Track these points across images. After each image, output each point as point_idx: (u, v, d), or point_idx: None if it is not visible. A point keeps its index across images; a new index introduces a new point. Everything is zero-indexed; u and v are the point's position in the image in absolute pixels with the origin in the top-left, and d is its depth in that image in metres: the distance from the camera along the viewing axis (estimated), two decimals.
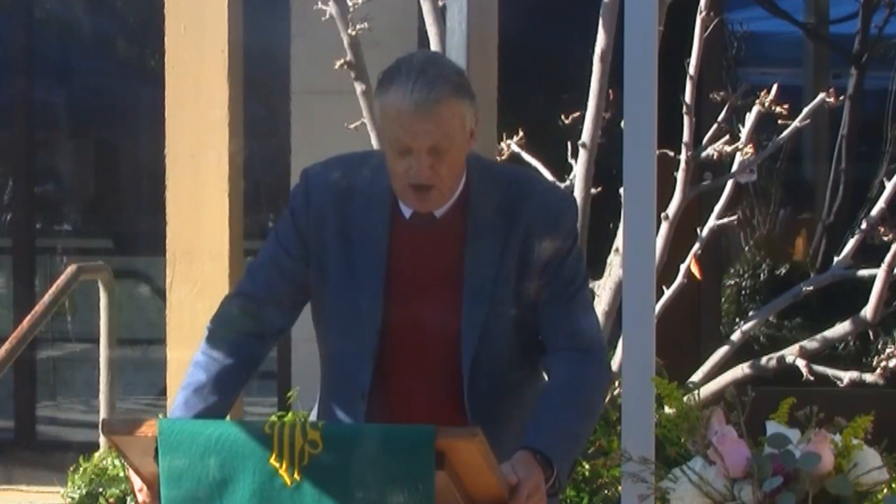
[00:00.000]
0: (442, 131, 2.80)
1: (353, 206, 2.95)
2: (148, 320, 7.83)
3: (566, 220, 2.96)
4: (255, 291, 3.03)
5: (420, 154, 2.80)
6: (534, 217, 2.92)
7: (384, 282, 2.91)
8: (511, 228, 2.91)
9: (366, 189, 2.96)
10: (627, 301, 3.18)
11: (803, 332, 6.57)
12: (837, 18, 8.46)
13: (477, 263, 2.90)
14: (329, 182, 2.99)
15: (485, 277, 2.90)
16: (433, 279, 2.93)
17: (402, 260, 2.93)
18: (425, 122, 2.79)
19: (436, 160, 2.81)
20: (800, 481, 2.53)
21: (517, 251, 2.91)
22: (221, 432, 2.69)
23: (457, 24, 4.40)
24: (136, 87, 8.35)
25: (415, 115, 2.78)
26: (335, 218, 2.95)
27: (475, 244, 2.91)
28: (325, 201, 2.97)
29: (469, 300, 2.90)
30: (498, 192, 2.94)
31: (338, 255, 2.95)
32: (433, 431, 2.58)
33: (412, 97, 2.78)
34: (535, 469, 2.73)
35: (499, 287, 2.90)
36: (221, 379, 2.97)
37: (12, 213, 8.17)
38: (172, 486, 2.71)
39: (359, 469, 2.61)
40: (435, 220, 2.92)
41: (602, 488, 4.98)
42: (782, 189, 8.24)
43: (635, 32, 3.16)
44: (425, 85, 2.80)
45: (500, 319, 2.91)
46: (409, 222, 2.93)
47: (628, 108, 3.17)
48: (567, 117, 5.64)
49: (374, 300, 2.91)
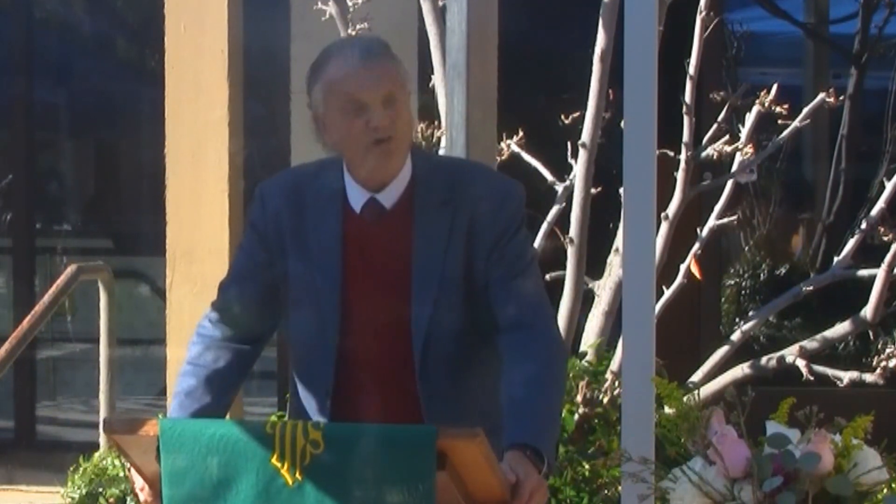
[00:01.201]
0: (392, 80, 2.90)
1: (306, 207, 3.02)
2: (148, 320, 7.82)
3: (510, 203, 2.99)
4: (229, 305, 3.08)
5: (376, 105, 2.88)
6: (477, 202, 2.96)
7: (341, 277, 2.96)
8: (455, 214, 2.95)
9: (318, 190, 3.02)
10: (627, 301, 3.18)
11: (803, 332, 6.57)
12: (837, 18, 8.46)
13: (425, 251, 2.94)
14: (282, 189, 3.08)
15: (433, 264, 2.93)
16: (386, 272, 2.97)
17: (356, 254, 2.97)
18: (375, 71, 2.90)
19: (391, 110, 2.89)
20: (800, 481, 2.54)
21: (463, 236, 2.95)
22: (223, 432, 2.70)
23: (457, 24, 4.41)
24: (136, 87, 8.35)
25: (364, 69, 2.90)
26: (290, 221, 3.02)
27: (422, 233, 2.95)
28: (279, 207, 3.04)
29: (418, 288, 2.94)
30: (441, 181, 2.99)
31: (296, 257, 3.00)
32: (434, 432, 2.58)
33: (357, 56, 2.92)
34: (531, 466, 2.74)
35: (446, 273, 2.93)
36: (212, 382, 3.02)
37: (12, 213, 8.17)
38: (174, 486, 2.71)
39: (360, 469, 2.61)
40: (385, 211, 2.97)
41: (602, 488, 4.98)
42: (782, 189, 8.24)
43: (635, 32, 3.16)
44: (363, 46, 2.96)
45: (451, 307, 2.94)
46: (360, 217, 2.98)
47: (628, 108, 3.18)
48: (567, 117, 5.65)
49: (332, 295, 2.96)
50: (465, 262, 2.94)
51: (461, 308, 2.94)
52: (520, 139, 5.79)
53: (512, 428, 2.83)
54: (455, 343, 2.95)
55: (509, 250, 2.96)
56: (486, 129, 4.64)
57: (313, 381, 3.03)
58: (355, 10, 5.54)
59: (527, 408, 2.85)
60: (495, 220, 2.95)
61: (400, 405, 2.94)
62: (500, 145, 5.52)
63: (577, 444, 5.10)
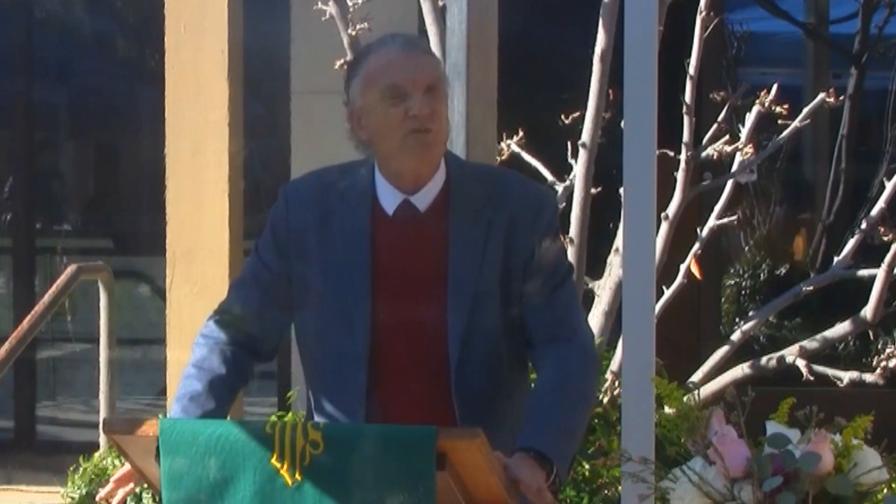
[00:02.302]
0: (433, 71, 2.90)
1: (333, 212, 2.97)
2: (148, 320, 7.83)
3: (546, 214, 2.98)
4: (237, 308, 3.04)
5: (417, 94, 2.85)
6: (515, 211, 2.93)
7: (370, 280, 2.92)
8: (492, 222, 2.92)
9: (345, 193, 2.97)
10: (627, 301, 3.18)
11: (803, 332, 6.57)
12: (837, 18, 8.46)
13: (460, 258, 2.91)
14: (307, 193, 3.02)
15: (469, 272, 2.90)
16: (418, 275, 2.93)
17: (386, 257, 2.93)
18: (418, 60, 2.90)
19: (433, 100, 2.87)
20: (800, 481, 2.53)
21: (501, 244, 2.92)
22: (222, 432, 2.69)
23: (457, 24, 4.41)
24: (136, 87, 8.35)
25: (407, 58, 2.89)
26: (316, 227, 2.97)
27: (458, 239, 2.92)
28: (304, 212, 2.99)
29: (454, 295, 2.90)
30: (478, 188, 2.96)
31: (321, 262, 2.95)
32: (434, 432, 2.58)
33: (399, 46, 2.91)
34: (535, 467, 2.73)
35: (483, 281, 2.90)
36: (215, 387, 2.97)
37: (12, 213, 8.17)
38: (173, 486, 2.71)
39: (360, 469, 2.61)
40: (419, 214, 2.94)
41: (602, 488, 4.98)
42: (782, 189, 8.25)
43: (635, 32, 3.16)
44: (405, 38, 2.96)
45: (486, 314, 2.91)
46: (391, 219, 2.94)
47: (628, 108, 3.17)
48: (567, 117, 5.65)
49: (363, 299, 2.91)
50: (501, 271, 2.91)
51: (497, 313, 2.92)
52: (520, 139, 5.79)
53: (524, 432, 2.82)
54: (490, 347, 2.92)
55: (546, 261, 2.93)
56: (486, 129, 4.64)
57: (344, 388, 2.96)
58: (355, 10, 5.54)
59: (545, 415, 2.83)
60: (533, 230, 2.93)
61: (434, 409, 2.90)
62: (500, 145, 5.52)
63: None
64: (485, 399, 2.92)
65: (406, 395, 2.93)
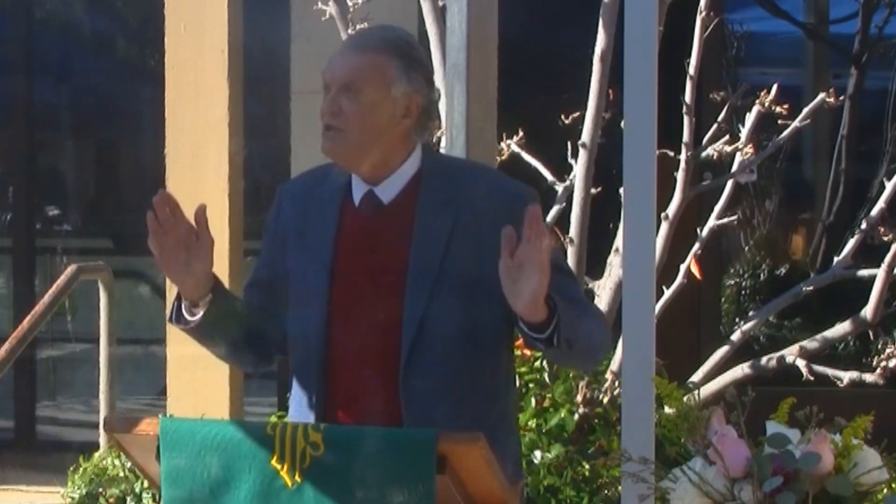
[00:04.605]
0: (358, 70, 2.91)
1: (311, 205, 3.02)
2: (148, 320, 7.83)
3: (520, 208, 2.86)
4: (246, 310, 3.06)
5: (333, 91, 2.92)
6: (487, 207, 2.91)
7: (329, 270, 2.92)
8: (460, 217, 2.91)
9: (325, 186, 3.02)
10: (627, 301, 3.18)
11: (803, 332, 6.58)
12: (837, 18, 8.47)
13: (423, 249, 2.90)
14: (295, 190, 3.09)
15: (430, 263, 2.89)
16: (378, 267, 2.92)
17: (349, 248, 2.95)
18: (347, 58, 2.94)
19: (346, 100, 2.90)
20: (800, 481, 2.53)
21: (468, 237, 2.90)
22: (223, 433, 2.69)
23: (457, 24, 4.41)
24: (136, 87, 8.36)
25: (340, 55, 2.95)
26: (297, 219, 3.02)
27: (422, 232, 2.91)
28: (290, 208, 3.06)
29: (412, 289, 2.89)
30: (450, 182, 2.96)
31: (296, 253, 2.99)
32: (434, 436, 2.57)
33: (346, 44, 3.01)
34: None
35: (445, 273, 2.88)
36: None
37: (12, 213, 8.17)
38: (173, 486, 2.71)
39: (360, 472, 2.61)
40: (383, 205, 2.95)
41: (602, 488, 4.98)
42: (782, 189, 8.25)
43: (635, 32, 3.16)
44: (358, 36, 3.05)
45: (445, 311, 2.88)
46: (357, 209, 2.97)
47: (628, 108, 3.17)
48: (567, 117, 5.65)
49: (321, 289, 2.92)
50: (471, 265, 2.89)
51: (459, 312, 2.89)
52: (520, 139, 5.79)
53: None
54: (446, 346, 2.89)
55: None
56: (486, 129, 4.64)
57: (305, 380, 2.99)
58: (355, 10, 5.54)
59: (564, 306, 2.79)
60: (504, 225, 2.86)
61: (382, 406, 2.89)
62: (500, 145, 5.52)
63: (577, 444, 5.10)
64: (432, 397, 2.88)
65: (359, 388, 2.93)
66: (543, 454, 4.99)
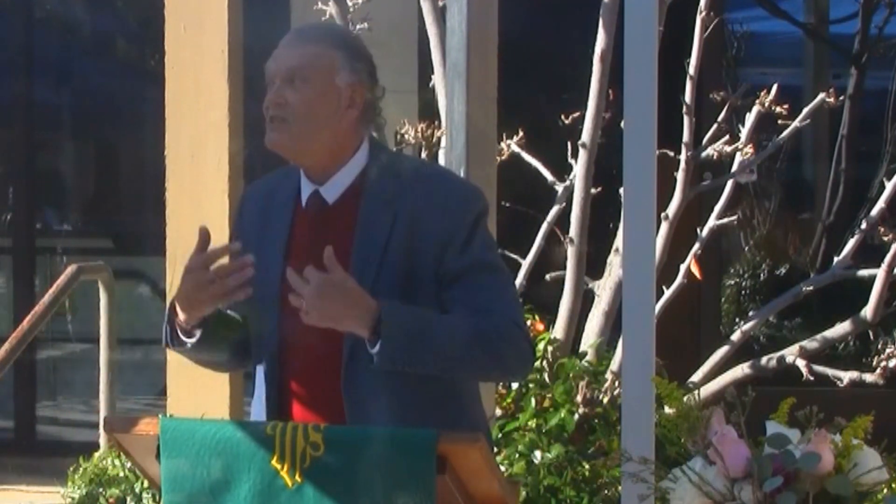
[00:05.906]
0: (302, 60, 2.91)
1: (270, 208, 3.03)
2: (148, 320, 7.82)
3: (458, 210, 2.90)
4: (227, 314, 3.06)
5: (276, 82, 2.92)
6: (419, 205, 2.90)
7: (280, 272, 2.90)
8: (399, 216, 2.90)
9: (282, 190, 3.03)
10: (627, 301, 3.18)
11: (803, 332, 6.57)
12: (837, 18, 8.47)
13: (364, 250, 2.90)
14: (255, 194, 3.12)
15: (371, 264, 2.88)
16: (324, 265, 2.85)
17: (299, 249, 2.95)
18: (288, 50, 2.94)
19: (291, 91, 2.90)
20: (800, 481, 2.53)
21: (405, 239, 2.89)
22: (223, 433, 2.69)
23: (457, 24, 4.41)
24: (136, 87, 8.35)
25: (282, 48, 2.96)
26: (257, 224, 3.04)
27: (364, 230, 2.92)
28: (250, 212, 3.08)
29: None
30: (394, 181, 2.95)
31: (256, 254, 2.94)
32: (435, 436, 2.57)
33: (287, 37, 2.98)
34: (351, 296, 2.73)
35: (384, 274, 2.88)
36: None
37: (12, 213, 8.17)
38: (173, 486, 2.71)
39: (360, 472, 2.61)
40: (327, 205, 2.95)
41: (602, 488, 4.98)
42: (782, 189, 8.25)
43: (635, 32, 3.16)
44: (299, 30, 3.03)
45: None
46: (305, 210, 2.97)
47: (628, 108, 3.17)
48: (567, 117, 5.65)
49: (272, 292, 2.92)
50: (407, 267, 2.88)
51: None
52: (520, 139, 5.79)
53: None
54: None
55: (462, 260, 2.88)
56: (486, 129, 4.64)
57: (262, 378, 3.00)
58: (355, 10, 5.54)
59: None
60: (440, 227, 2.87)
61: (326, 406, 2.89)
62: (500, 145, 5.53)
63: (577, 444, 5.10)
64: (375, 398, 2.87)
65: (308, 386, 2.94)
66: (543, 454, 4.99)
